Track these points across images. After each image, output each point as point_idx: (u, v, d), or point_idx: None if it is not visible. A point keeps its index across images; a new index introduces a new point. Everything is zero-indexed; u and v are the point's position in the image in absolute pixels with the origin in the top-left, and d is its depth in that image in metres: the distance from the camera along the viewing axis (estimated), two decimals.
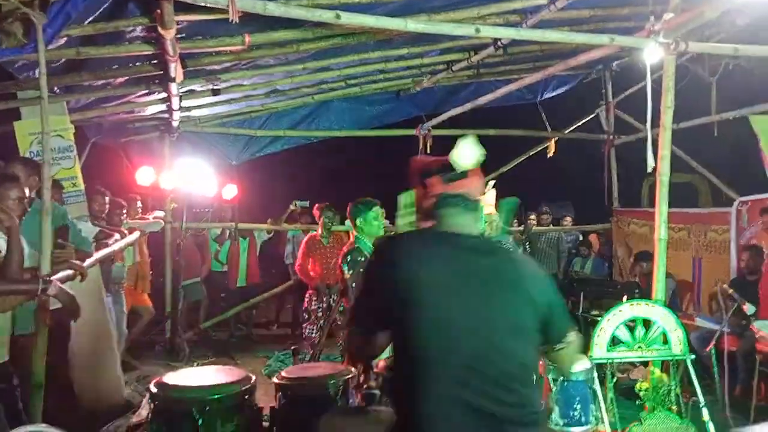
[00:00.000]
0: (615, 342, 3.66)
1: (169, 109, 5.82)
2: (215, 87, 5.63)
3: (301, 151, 8.43)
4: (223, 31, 4.20)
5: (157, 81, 4.94)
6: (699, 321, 5.07)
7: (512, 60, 6.57)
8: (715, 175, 7.53)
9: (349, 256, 3.94)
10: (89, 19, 3.49)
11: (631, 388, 3.89)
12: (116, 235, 4.99)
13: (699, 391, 3.54)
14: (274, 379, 3.07)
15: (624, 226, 8.12)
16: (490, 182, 3.05)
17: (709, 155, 7.53)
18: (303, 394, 2.91)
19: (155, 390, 2.67)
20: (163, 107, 5.88)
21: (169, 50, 3.86)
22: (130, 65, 4.58)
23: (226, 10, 3.25)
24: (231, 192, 7.41)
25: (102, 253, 4.39)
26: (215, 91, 5.72)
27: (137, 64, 4.58)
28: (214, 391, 2.63)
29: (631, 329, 3.67)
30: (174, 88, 4.83)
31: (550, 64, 6.06)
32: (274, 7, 3.45)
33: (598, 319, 3.83)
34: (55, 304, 2.91)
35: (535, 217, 8.29)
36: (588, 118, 8.80)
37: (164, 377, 2.79)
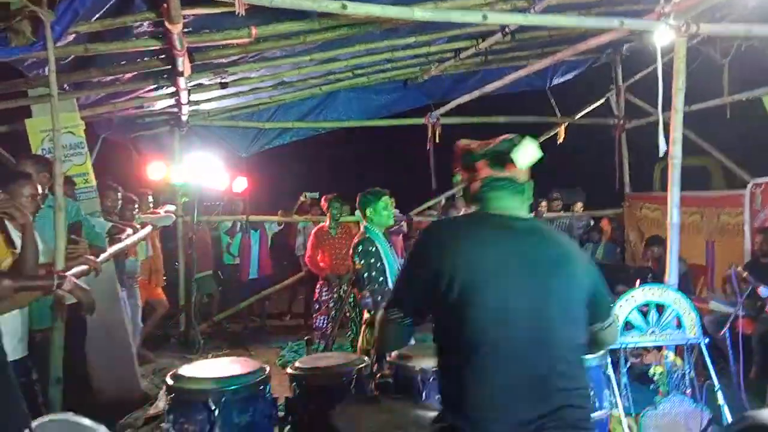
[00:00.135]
0: (628, 327, 3.65)
1: (178, 104, 5.83)
2: (223, 80, 5.64)
3: (310, 143, 8.44)
4: (230, 24, 4.19)
5: (165, 75, 4.95)
6: (713, 304, 5.04)
7: (520, 46, 6.52)
8: (728, 158, 7.45)
9: (360, 247, 3.95)
10: (97, 15, 3.50)
11: (645, 373, 3.88)
12: (129, 230, 5.03)
13: (713, 375, 3.52)
14: (288, 370, 3.09)
15: (636, 210, 8.06)
16: None
17: (721, 137, 7.45)
18: (317, 383, 2.93)
19: (171, 382, 2.69)
20: (172, 102, 5.90)
21: (177, 44, 3.87)
22: (138, 60, 4.59)
23: (233, 3, 3.25)
24: (241, 185, 7.44)
25: (115, 248, 4.44)
26: (223, 85, 5.73)
27: (145, 59, 4.59)
28: (230, 382, 2.65)
29: (644, 314, 3.66)
30: (182, 82, 4.85)
31: (559, 50, 6.00)
32: None
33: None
34: (71, 300, 2.95)
35: (546, 203, 8.24)
36: (598, 103, 8.72)
37: (180, 369, 2.81)
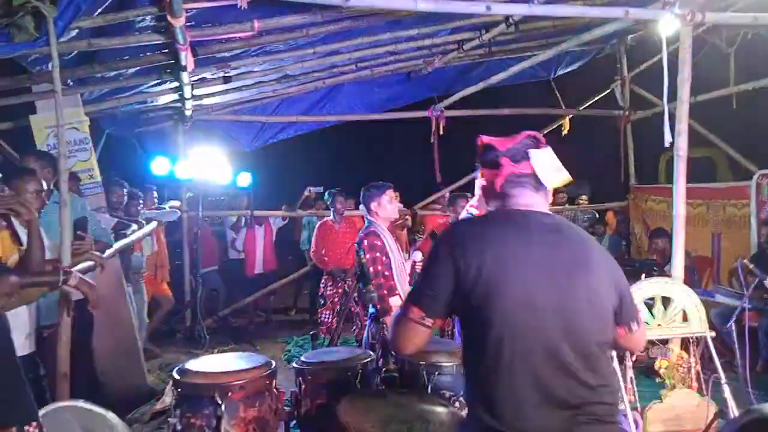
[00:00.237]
0: None
1: (182, 98, 5.83)
2: (226, 74, 5.63)
3: (314, 137, 8.42)
4: (232, 17, 4.19)
5: (168, 70, 4.95)
6: (719, 297, 5.01)
7: (524, 37, 6.48)
8: (734, 149, 7.39)
9: (365, 241, 3.95)
10: (99, 10, 3.50)
11: (651, 367, 3.87)
12: (134, 226, 5.04)
13: (720, 368, 3.51)
14: (294, 364, 3.10)
15: (641, 203, 8.03)
16: None
17: (727, 128, 7.39)
18: (323, 378, 2.93)
19: (178, 377, 2.70)
20: (176, 96, 5.90)
21: (179, 39, 3.86)
22: (141, 55, 4.59)
23: None
24: (245, 179, 7.44)
25: (121, 243, 4.45)
26: (226, 79, 5.72)
27: (148, 53, 4.59)
28: (236, 377, 2.65)
29: (650, 307, 3.65)
30: (185, 76, 4.84)
31: (563, 40, 5.96)
32: None
33: None
34: (78, 295, 2.96)
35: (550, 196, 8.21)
36: (603, 94, 8.67)
37: (186, 364, 2.82)
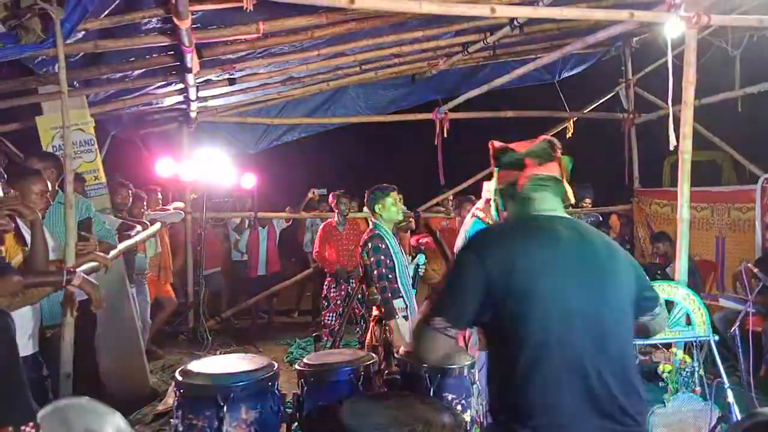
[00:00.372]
0: None
1: (187, 100, 5.85)
2: (231, 76, 5.65)
3: (318, 139, 8.44)
4: (238, 19, 4.20)
5: (174, 72, 4.97)
6: (723, 301, 4.99)
7: (529, 39, 6.48)
8: (739, 152, 7.37)
9: (370, 243, 3.95)
10: (105, 12, 3.52)
11: (654, 371, 3.86)
12: (138, 227, 5.05)
13: (723, 373, 3.50)
14: (296, 366, 3.10)
15: (645, 206, 8.01)
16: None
17: (732, 131, 7.37)
18: (325, 380, 2.93)
19: (180, 378, 2.70)
20: (181, 98, 5.92)
21: (185, 40, 3.88)
22: (147, 57, 4.61)
23: None
24: (250, 181, 7.45)
25: (125, 244, 4.46)
26: (231, 81, 5.74)
27: (154, 55, 4.61)
28: (239, 379, 2.65)
29: None
30: (191, 78, 4.86)
31: (568, 43, 5.96)
32: None
33: None
34: (82, 296, 2.97)
35: None
36: (607, 97, 8.66)
37: (189, 365, 2.82)
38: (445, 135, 7.75)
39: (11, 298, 2.37)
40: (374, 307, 3.82)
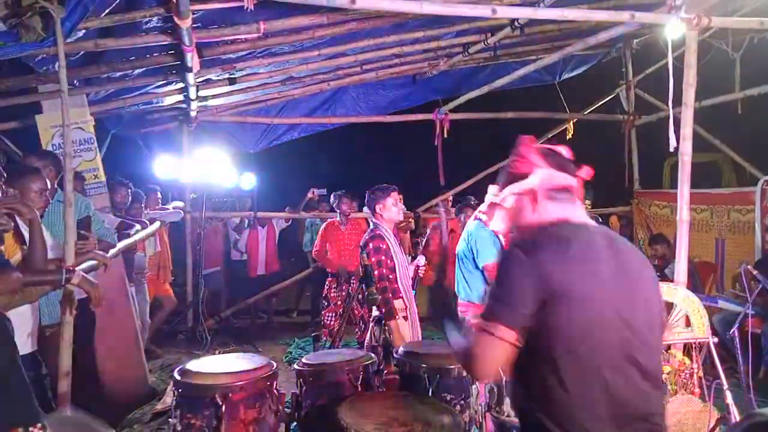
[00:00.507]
0: None
1: (187, 99, 5.85)
2: (231, 76, 5.65)
3: (318, 139, 8.43)
4: (239, 19, 4.20)
5: (174, 71, 4.97)
6: (722, 303, 4.99)
7: (530, 40, 6.48)
8: (739, 154, 7.38)
9: (370, 243, 3.95)
10: (106, 11, 3.51)
11: None
12: (137, 226, 5.05)
13: (722, 374, 3.49)
14: (295, 366, 3.10)
15: (645, 208, 8.01)
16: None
17: (732, 133, 7.38)
18: (324, 380, 2.93)
19: (179, 377, 2.70)
20: (181, 97, 5.91)
21: (185, 40, 3.87)
22: (148, 56, 4.60)
23: None
24: (249, 181, 7.45)
25: (124, 243, 4.45)
26: (232, 80, 5.74)
27: (154, 54, 4.60)
28: (237, 378, 2.65)
29: None
30: (191, 77, 4.86)
31: (569, 44, 5.97)
32: None
33: None
34: (81, 294, 2.97)
35: None
36: (608, 98, 8.67)
37: (188, 365, 2.81)
38: (445, 135, 7.75)
39: (10, 296, 2.37)
40: (374, 308, 3.82)
